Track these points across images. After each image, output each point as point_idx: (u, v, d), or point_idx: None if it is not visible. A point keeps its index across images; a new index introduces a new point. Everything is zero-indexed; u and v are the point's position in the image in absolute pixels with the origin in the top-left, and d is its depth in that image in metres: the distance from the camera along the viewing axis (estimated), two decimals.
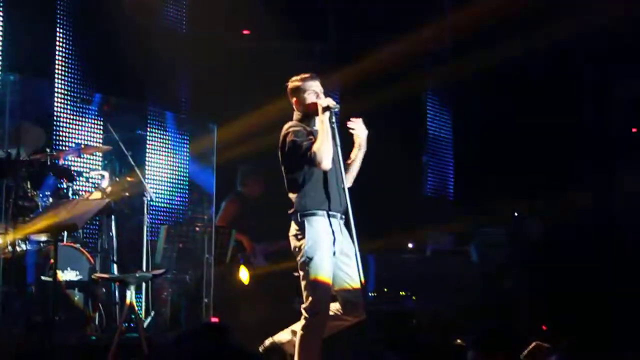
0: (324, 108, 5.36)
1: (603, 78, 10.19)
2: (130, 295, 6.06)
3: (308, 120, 5.53)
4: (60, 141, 8.01)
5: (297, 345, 5.29)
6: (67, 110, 8.16)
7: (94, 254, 7.18)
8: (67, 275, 6.64)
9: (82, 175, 7.62)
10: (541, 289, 8.94)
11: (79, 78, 8.29)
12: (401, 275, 8.76)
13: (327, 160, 5.30)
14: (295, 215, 5.41)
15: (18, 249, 6.53)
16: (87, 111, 8.24)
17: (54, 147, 7.63)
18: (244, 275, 8.32)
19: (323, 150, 5.27)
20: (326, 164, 5.31)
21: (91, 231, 7.81)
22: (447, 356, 5.38)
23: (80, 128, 8.18)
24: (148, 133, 8.75)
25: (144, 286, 7.29)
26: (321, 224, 5.34)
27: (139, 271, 6.95)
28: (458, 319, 7.78)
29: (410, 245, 9.54)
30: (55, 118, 8.04)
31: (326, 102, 5.38)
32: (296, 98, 5.55)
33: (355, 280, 5.34)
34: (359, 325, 5.47)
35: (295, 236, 5.41)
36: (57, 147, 7.76)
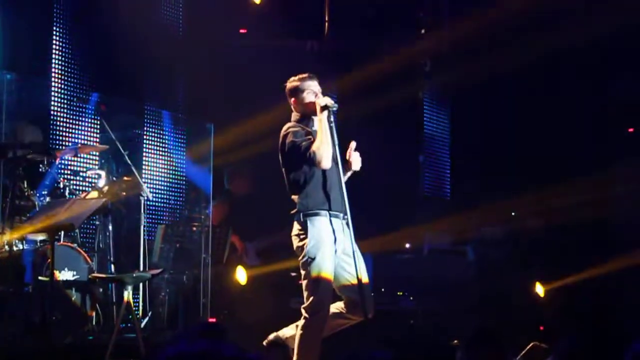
0: (323, 107, 5.34)
1: (600, 79, 10.20)
2: (127, 295, 6.05)
3: (306, 120, 5.51)
4: (57, 140, 7.99)
5: (297, 344, 5.29)
6: (64, 109, 8.14)
7: (91, 254, 7.18)
8: (65, 275, 6.61)
9: (79, 174, 7.61)
10: (539, 289, 8.96)
11: (76, 77, 8.28)
12: (398, 275, 8.76)
13: (327, 159, 5.30)
14: (297, 215, 5.40)
15: (15, 249, 6.50)
16: (84, 110, 8.22)
17: (51, 147, 7.61)
18: (242, 275, 8.32)
19: (322, 149, 5.26)
20: (326, 163, 5.31)
21: (88, 231, 7.81)
22: (444, 356, 5.37)
23: (77, 127, 8.16)
24: (145, 132, 8.75)
25: (141, 286, 7.28)
26: (323, 224, 5.34)
27: (137, 271, 6.93)
28: (455, 319, 7.78)
29: (407, 245, 9.55)
30: (52, 117, 8.03)
31: (324, 101, 5.37)
32: (294, 98, 5.53)
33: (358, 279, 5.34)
34: (359, 325, 5.45)
35: (297, 236, 5.41)
36: (54, 147, 7.74)
